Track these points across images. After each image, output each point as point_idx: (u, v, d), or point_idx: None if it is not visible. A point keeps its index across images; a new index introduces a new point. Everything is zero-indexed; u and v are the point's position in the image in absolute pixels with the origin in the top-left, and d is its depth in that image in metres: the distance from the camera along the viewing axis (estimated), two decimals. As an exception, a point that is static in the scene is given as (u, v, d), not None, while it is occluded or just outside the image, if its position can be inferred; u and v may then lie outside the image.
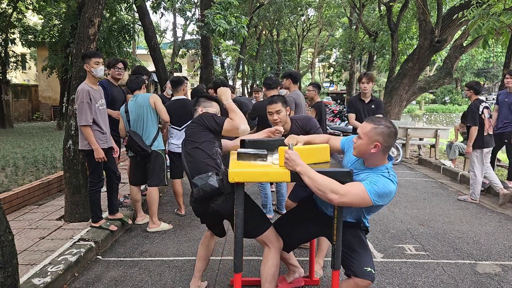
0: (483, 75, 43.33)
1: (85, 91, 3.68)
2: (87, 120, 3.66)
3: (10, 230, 2.15)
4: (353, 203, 2.09)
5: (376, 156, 2.18)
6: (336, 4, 21.40)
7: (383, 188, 2.08)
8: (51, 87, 19.22)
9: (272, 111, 3.19)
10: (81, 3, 4.78)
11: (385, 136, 2.13)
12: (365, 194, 2.05)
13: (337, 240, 2.27)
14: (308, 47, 33.13)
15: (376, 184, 2.08)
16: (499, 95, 6.06)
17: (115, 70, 4.58)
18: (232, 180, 2.15)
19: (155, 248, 3.81)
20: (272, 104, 3.20)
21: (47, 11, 13.95)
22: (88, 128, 3.68)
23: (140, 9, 10.05)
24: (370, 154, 2.17)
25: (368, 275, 2.26)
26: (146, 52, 13.28)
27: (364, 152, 2.18)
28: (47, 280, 2.83)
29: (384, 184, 2.10)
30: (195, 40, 18.04)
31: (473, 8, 6.15)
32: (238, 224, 2.24)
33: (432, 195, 6.04)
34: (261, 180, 2.34)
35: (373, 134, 2.14)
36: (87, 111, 3.65)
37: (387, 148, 2.18)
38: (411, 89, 11.48)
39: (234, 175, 2.14)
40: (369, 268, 2.29)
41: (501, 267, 3.45)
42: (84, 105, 3.65)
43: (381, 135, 2.13)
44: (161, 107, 4.21)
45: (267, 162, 2.34)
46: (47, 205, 4.84)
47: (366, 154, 2.19)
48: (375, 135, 2.13)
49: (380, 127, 2.14)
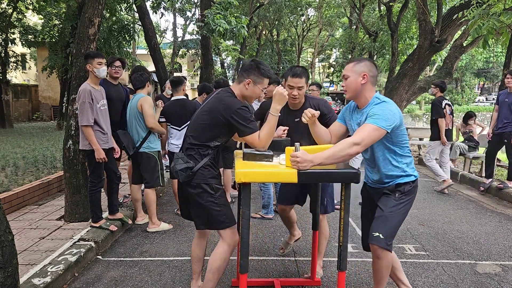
0: (483, 75, 43.35)
1: (87, 91, 3.68)
2: (89, 120, 3.66)
3: (10, 230, 2.15)
4: (373, 139, 2.18)
5: (366, 88, 2.31)
6: (336, 4, 21.37)
7: (384, 112, 2.19)
8: (51, 87, 19.22)
9: (294, 86, 2.82)
10: (81, 3, 4.78)
11: (368, 66, 2.32)
12: (375, 127, 2.16)
13: (343, 241, 2.25)
14: (308, 47, 33.12)
15: (376, 114, 2.20)
16: (499, 95, 6.07)
17: (112, 69, 4.42)
18: (239, 181, 2.14)
19: (155, 248, 3.81)
20: (296, 77, 2.81)
21: (47, 11, 13.95)
22: (89, 128, 3.68)
23: (140, 9, 10.05)
24: (360, 88, 2.31)
25: (375, 240, 2.24)
26: (146, 52, 13.28)
27: (356, 87, 2.32)
28: (47, 280, 2.83)
29: (381, 110, 2.21)
30: (195, 40, 18.02)
31: (473, 8, 6.15)
32: (244, 225, 2.23)
33: (432, 195, 6.04)
34: (268, 180, 2.34)
35: (357, 67, 2.32)
36: (88, 111, 3.65)
37: (374, 78, 2.33)
38: (411, 89, 11.47)
39: (241, 175, 2.13)
40: (376, 233, 2.25)
41: (501, 267, 3.45)
42: (86, 105, 3.65)
43: (364, 66, 2.32)
44: (147, 111, 4.05)
45: (273, 163, 2.34)
46: (47, 205, 4.84)
47: (357, 89, 2.32)
48: (360, 68, 2.31)
49: (361, 61, 2.34)
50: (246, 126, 2.37)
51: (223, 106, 2.39)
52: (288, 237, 3.51)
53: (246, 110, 2.39)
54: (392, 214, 2.31)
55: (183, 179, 2.40)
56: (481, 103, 40.87)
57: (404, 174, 2.37)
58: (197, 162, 2.43)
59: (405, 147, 2.39)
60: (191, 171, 2.39)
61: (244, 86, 2.48)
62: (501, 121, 5.83)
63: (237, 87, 2.51)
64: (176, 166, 2.39)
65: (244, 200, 2.23)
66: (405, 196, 2.37)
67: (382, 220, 2.30)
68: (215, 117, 2.41)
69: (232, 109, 2.36)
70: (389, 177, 2.37)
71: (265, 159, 2.35)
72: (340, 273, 2.29)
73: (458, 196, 6.00)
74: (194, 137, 2.47)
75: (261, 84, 2.50)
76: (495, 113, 6.06)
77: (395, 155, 2.35)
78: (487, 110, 32.89)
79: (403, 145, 2.36)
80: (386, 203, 2.35)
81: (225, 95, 2.47)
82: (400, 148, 2.35)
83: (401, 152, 2.36)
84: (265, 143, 2.42)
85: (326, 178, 2.34)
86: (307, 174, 2.13)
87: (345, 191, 2.22)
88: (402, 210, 2.35)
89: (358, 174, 2.14)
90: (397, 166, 2.35)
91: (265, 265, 3.44)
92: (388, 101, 2.28)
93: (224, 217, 2.46)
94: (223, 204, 2.48)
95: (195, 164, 2.42)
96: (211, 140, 2.45)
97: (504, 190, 5.73)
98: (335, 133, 2.55)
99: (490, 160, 6.14)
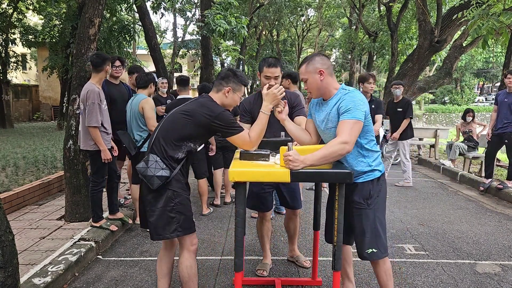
0: (483, 75, 43.34)
1: (96, 92, 3.67)
2: (98, 121, 3.65)
3: (10, 230, 2.16)
4: (357, 133, 2.19)
5: (327, 82, 2.32)
6: (336, 4, 21.39)
7: (356, 103, 2.20)
8: (52, 87, 19.25)
9: (271, 76, 2.86)
10: (81, 3, 4.77)
11: (320, 61, 2.31)
12: (354, 120, 2.17)
13: (337, 241, 2.25)
14: (308, 47, 33.12)
15: (349, 108, 2.19)
16: (498, 95, 6.06)
17: (113, 69, 4.37)
18: (232, 180, 2.15)
19: (155, 248, 3.81)
20: (271, 67, 2.86)
21: (48, 11, 13.97)
22: (97, 129, 3.68)
23: (140, 9, 10.07)
24: (322, 84, 2.31)
25: (372, 256, 2.27)
26: (146, 52, 13.30)
27: (317, 86, 2.33)
28: (47, 280, 2.83)
29: (352, 101, 2.21)
30: (195, 40, 18.04)
31: (473, 8, 6.16)
32: (238, 223, 2.24)
33: (432, 195, 6.04)
34: (262, 180, 2.33)
35: (311, 67, 2.31)
36: (97, 112, 3.65)
37: (329, 69, 2.33)
38: (410, 89, 11.48)
39: (234, 175, 2.14)
40: (370, 250, 2.28)
41: (501, 267, 3.46)
42: (95, 106, 3.64)
43: (316, 62, 2.31)
44: (148, 114, 3.98)
45: (269, 162, 2.34)
46: (47, 205, 4.85)
47: (321, 87, 2.33)
48: (313, 66, 2.30)
49: (312, 59, 2.33)
50: (230, 128, 2.37)
51: (205, 109, 2.35)
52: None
53: (228, 113, 2.39)
54: (373, 223, 2.33)
55: (155, 187, 2.30)
56: (481, 103, 40.84)
57: (369, 169, 2.33)
58: (170, 168, 2.34)
59: (371, 141, 2.36)
60: (167, 180, 2.31)
61: (224, 95, 2.46)
62: (501, 121, 5.82)
63: (216, 96, 2.48)
64: (152, 170, 2.29)
65: (238, 199, 2.24)
66: (374, 198, 2.34)
67: (368, 235, 2.32)
68: (194, 117, 2.34)
69: (214, 114, 2.33)
70: (355, 172, 2.33)
71: (261, 159, 2.35)
72: (335, 272, 2.29)
73: (458, 196, 6.00)
74: (167, 138, 2.36)
75: (240, 92, 2.51)
76: (494, 113, 6.06)
77: (361, 148, 2.32)
78: (487, 110, 32.88)
79: (368, 137, 2.33)
80: (361, 216, 2.34)
81: (207, 100, 2.44)
82: (365, 141, 2.32)
83: (367, 146, 2.33)
84: (256, 142, 2.43)
85: (318, 177, 2.34)
86: (300, 174, 2.13)
87: (339, 191, 2.21)
88: (379, 211, 2.36)
89: (351, 174, 2.13)
90: (363, 160, 2.33)
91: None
92: (354, 90, 2.30)
93: (176, 224, 2.36)
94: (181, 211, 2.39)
95: (170, 172, 2.33)
96: (184, 140, 2.37)
97: (504, 190, 5.73)
98: (312, 130, 2.55)
99: (489, 161, 6.14)
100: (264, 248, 3.36)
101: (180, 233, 2.38)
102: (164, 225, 2.34)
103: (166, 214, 2.34)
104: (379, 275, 2.42)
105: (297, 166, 2.11)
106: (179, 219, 2.36)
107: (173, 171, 2.34)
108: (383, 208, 2.40)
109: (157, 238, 2.39)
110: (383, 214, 2.40)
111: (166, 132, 2.38)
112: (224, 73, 2.51)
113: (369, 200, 2.33)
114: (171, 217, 2.34)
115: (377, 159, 2.38)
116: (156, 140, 2.38)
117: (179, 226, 2.36)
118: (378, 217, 2.35)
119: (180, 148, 2.37)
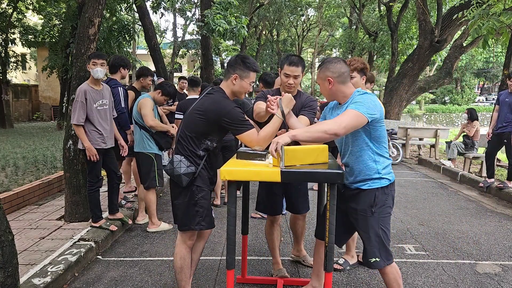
0: (483, 75, 43.33)
1: (82, 90, 3.71)
2: (78, 119, 3.68)
3: (10, 230, 2.15)
4: (354, 125, 2.15)
5: (337, 89, 2.31)
6: (336, 4, 21.39)
7: (366, 101, 2.19)
8: (51, 87, 19.24)
9: (290, 75, 2.72)
10: (81, 3, 4.77)
11: (331, 69, 2.30)
12: (357, 112, 2.15)
13: (329, 242, 2.24)
14: (308, 47, 33.12)
15: (359, 101, 2.19)
16: (500, 95, 6.07)
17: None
18: (224, 178, 2.16)
19: (155, 248, 3.81)
20: (292, 66, 2.71)
21: (47, 11, 13.97)
22: (80, 127, 3.70)
23: (140, 9, 10.07)
24: (331, 91, 2.33)
25: (375, 265, 2.28)
26: (146, 52, 13.30)
27: (328, 92, 2.35)
28: (47, 280, 2.83)
29: (364, 99, 2.21)
30: (195, 40, 18.03)
31: (473, 8, 6.16)
32: (230, 222, 2.25)
33: (432, 195, 6.04)
34: (252, 179, 2.29)
35: (321, 74, 2.33)
36: (80, 111, 3.68)
37: (341, 76, 2.29)
38: (411, 89, 11.49)
39: (225, 173, 2.15)
40: (373, 259, 2.28)
41: (501, 267, 3.46)
42: (78, 104, 3.68)
43: (326, 70, 2.31)
44: (144, 112, 4.05)
45: (265, 162, 2.33)
46: (47, 205, 4.84)
47: (331, 94, 2.35)
48: (323, 74, 2.32)
49: (324, 66, 2.34)
50: (239, 125, 2.38)
51: (216, 107, 2.39)
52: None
53: (237, 110, 2.39)
54: (376, 232, 2.31)
55: (185, 184, 2.42)
56: (481, 103, 40.85)
57: (377, 176, 2.29)
58: (195, 164, 2.44)
59: (383, 147, 2.32)
60: (194, 176, 2.43)
61: (231, 82, 2.47)
62: (501, 121, 5.83)
63: (225, 84, 2.51)
64: (178, 170, 2.40)
65: (229, 197, 2.24)
66: (379, 207, 2.31)
67: (371, 244, 2.32)
68: (206, 116, 2.40)
69: (224, 111, 2.36)
70: (362, 175, 2.31)
71: (257, 158, 2.35)
72: (327, 274, 2.28)
73: (458, 196, 6.00)
74: (185, 137, 2.45)
75: (248, 78, 2.47)
76: (495, 113, 6.07)
77: (372, 152, 2.28)
78: (487, 110, 32.86)
79: (381, 143, 2.30)
80: (365, 224, 2.32)
81: (217, 95, 2.46)
82: (377, 146, 2.28)
83: (378, 151, 2.29)
84: (264, 141, 2.40)
85: (310, 177, 2.30)
86: (291, 174, 2.11)
87: (330, 191, 2.19)
88: (383, 220, 2.34)
89: (342, 174, 2.10)
90: (373, 166, 2.29)
91: (265, 265, 3.44)
92: (370, 94, 2.28)
93: (199, 218, 2.50)
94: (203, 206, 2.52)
95: (195, 167, 2.44)
96: (203, 137, 2.43)
97: (504, 190, 5.73)
98: None
99: (490, 161, 6.14)
100: (274, 253, 3.15)
101: (203, 227, 2.52)
102: (189, 218, 2.49)
103: (191, 207, 2.48)
104: (388, 283, 2.39)
105: (283, 140, 2.10)
106: (202, 214, 2.50)
107: (197, 167, 2.45)
108: (387, 218, 2.37)
109: (184, 229, 2.53)
110: (388, 223, 2.37)
111: (185, 131, 2.48)
112: (232, 60, 2.51)
113: (374, 208, 2.30)
114: (195, 211, 2.48)
115: (387, 167, 2.34)
116: (178, 141, 2.52)
117: (202, 220, 2.50)
118: (382, 226, 2.33)
119: (199, 145, 2.46)
